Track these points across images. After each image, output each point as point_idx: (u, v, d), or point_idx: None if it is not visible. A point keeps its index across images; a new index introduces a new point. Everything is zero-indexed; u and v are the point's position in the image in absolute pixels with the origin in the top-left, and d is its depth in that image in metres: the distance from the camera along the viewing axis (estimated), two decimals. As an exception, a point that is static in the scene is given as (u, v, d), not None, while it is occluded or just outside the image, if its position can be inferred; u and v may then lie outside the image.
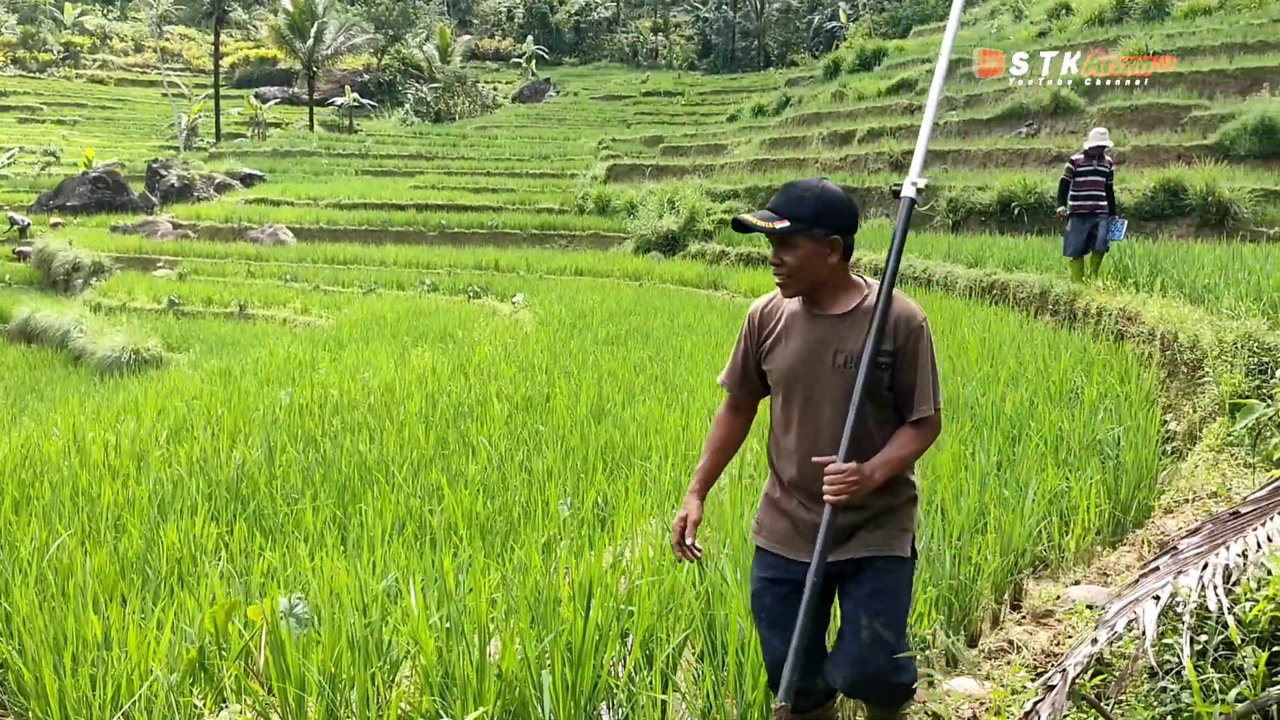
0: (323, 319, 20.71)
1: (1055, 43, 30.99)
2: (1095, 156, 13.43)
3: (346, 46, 60.30)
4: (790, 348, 3.04)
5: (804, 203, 2.89)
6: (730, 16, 72.49)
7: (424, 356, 12.66)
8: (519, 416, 9.07)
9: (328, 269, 28.95)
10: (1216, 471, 6.48)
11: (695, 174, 35.22)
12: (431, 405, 9.34)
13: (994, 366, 9.61)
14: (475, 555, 5.32)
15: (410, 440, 7.92)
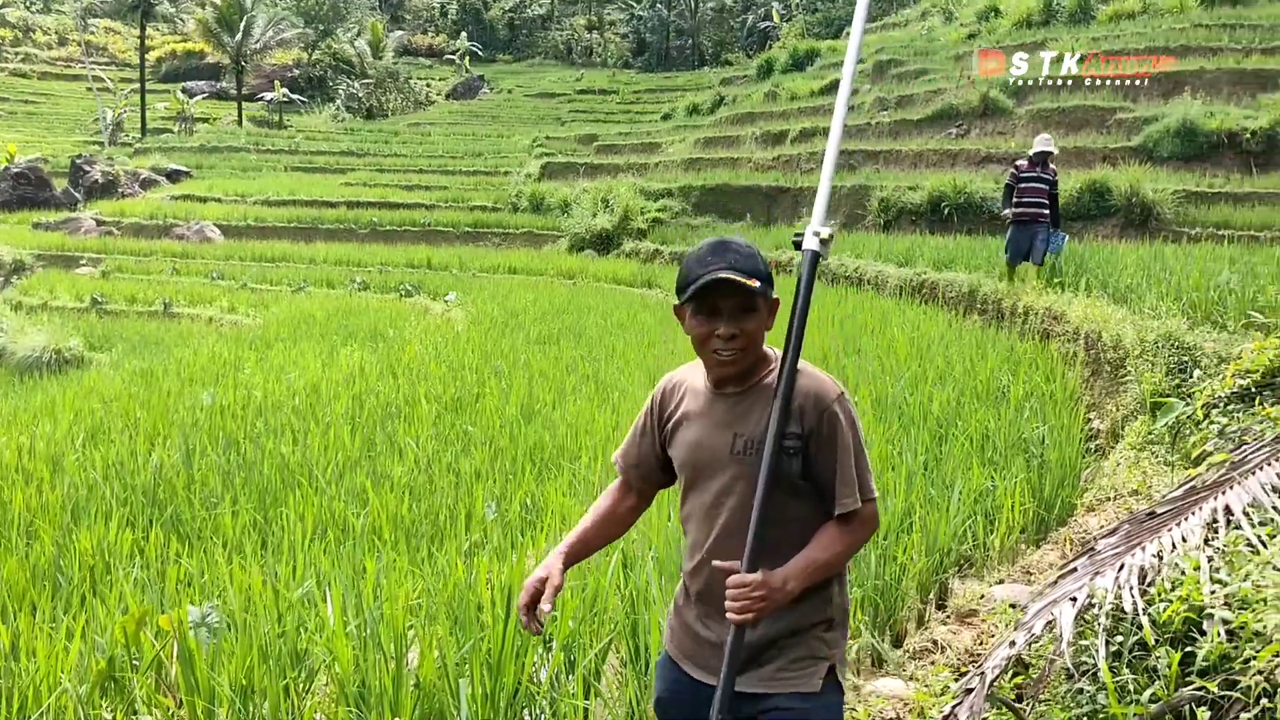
0: (250, 318, 20.38)
1: (984, 44, 31.38)
2: (1039, 163, 13.16)
3: (276, 41, 59.43)
4: (690, 432, 2.59)
5: (755, 259, 2.46)
6: (665, 15, 72.56)
7: (353, 356, 12.49)
8: (448, 417, 8.97)
9: (256, 267, 28.50)
10: (1137, 469, 6.57)
11: (629, 172, 35.19)
12: (358, 406, 9.20)
13: (922, 366, 9.67)
14: (399, 560, 5.24)
15: (335, 442, 7.78)
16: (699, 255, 2.47)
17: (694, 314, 2.46)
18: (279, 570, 4.89)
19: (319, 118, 58.76)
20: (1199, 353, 7.52)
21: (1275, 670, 2.48)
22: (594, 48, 76.45)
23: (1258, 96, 22.33)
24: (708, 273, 2.40)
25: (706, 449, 2.56)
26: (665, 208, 29.88)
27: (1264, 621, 2.57)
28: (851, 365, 9.85)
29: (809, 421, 2.48)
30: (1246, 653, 2.59)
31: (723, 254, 2.44)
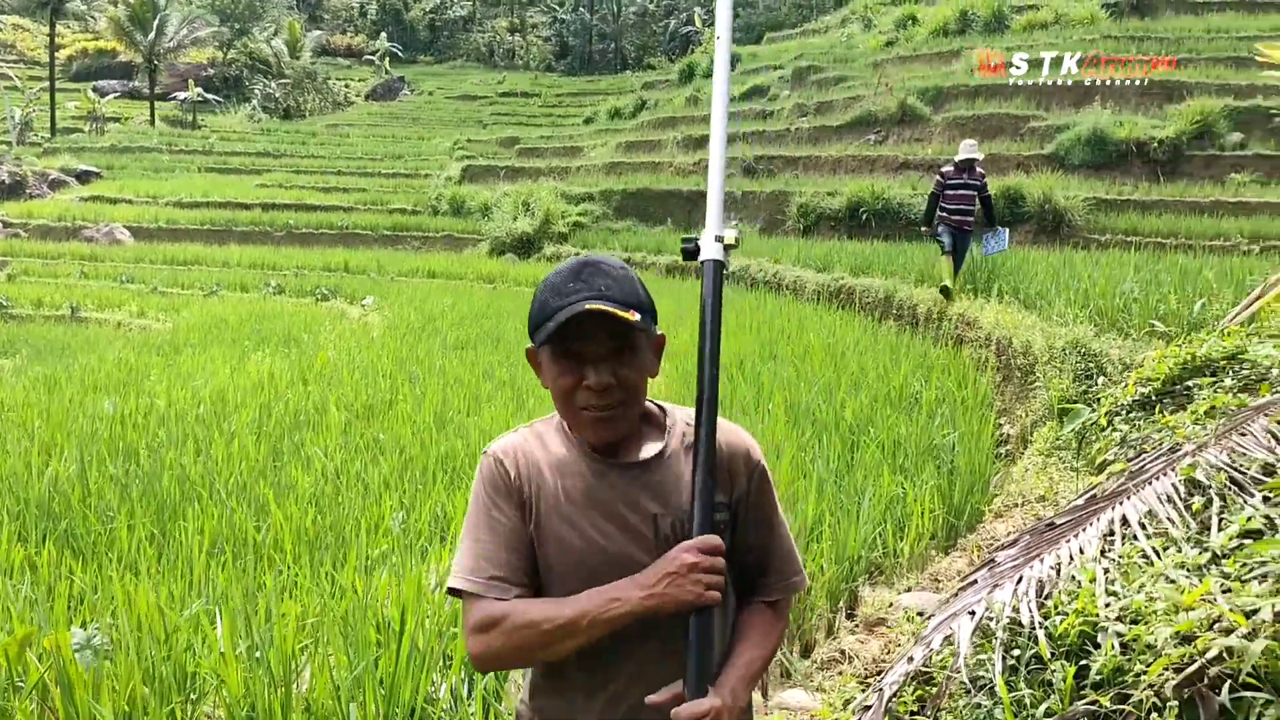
0: (160, 322, 19.92)
1: (902, 52, 31.81)
2: (966, 169, 12.94)
3: (190, 40, 58.25)
4: (578, 524, 1.93)
5: (633, 284, 1.92)
6: (587, 19, 72.55)
7: (264, 362, 12.24)
8: (358, 425, 8.82)
9: (167, 270, 27.89)
10: (1045, 475, 6.65)
11: (551, 176, 35.10)
12: (266, 414, 9.00)
13: (837, 372, 9.71)
14: (300, 575, 5.11)
15: (239, 452, 7.59)
16: (556, 283, 1.90)
17: (554, 359, 1.89)
18: (173, 588, 4.74)
19: (234, 118, 57.75)
20: (1104, 359, 7.65)
21: (1165, 684, 2.49)
22: (516, 50, 76.15)
23: (1164, 107, 22.86)
24: (569, 304, 1.83)
25: (615, 545, 1.92)
26: (586, 211, 29.85)
27: (1155, 635, 2.58)
28: (767, 372, 9.86)
29: (739, 483, 2.03)
30: (1138, 666, 2.59)
31: (589, 279, 1.88)
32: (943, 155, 24.57)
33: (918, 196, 22.67)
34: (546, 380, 1.95)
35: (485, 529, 1.95)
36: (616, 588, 1.83)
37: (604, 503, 1.95)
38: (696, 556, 1.79)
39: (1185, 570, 2.94)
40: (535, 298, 1.93)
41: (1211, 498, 3.26)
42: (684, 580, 1.79)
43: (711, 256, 1.99)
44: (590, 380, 1.87)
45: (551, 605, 1.87)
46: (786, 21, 54.53)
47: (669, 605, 1.80)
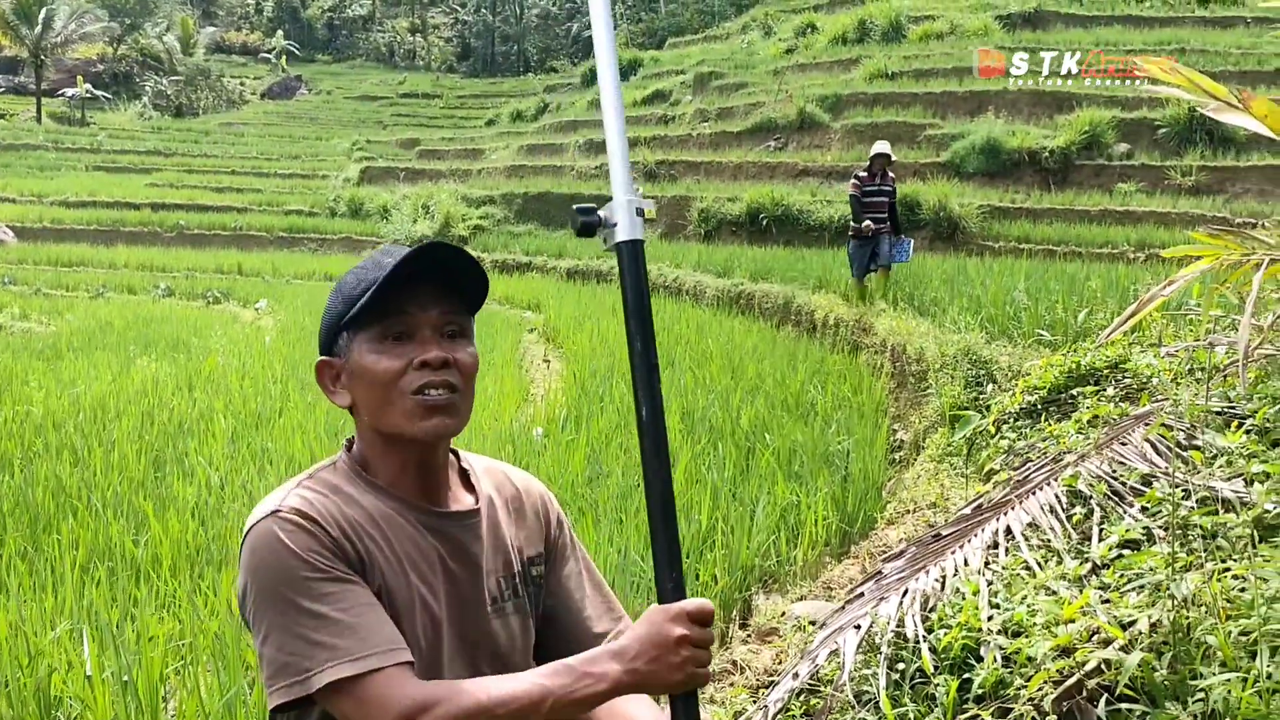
0: (43, 325, 19.23)
1: (802, 60, 32.17)
2: (879, 174, 12.59)
3: (78, 34, 56.61)
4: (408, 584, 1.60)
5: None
6: (490, 20, 72.14)
7: (149, 368, 11.89)
8: (246, 434, 8.59)
9: (51, 271, 26.94)
10: (936, 482, 6.71)
11: (452, 178, 34.79)
12: (149, 422, 8.72)
13: (734, 379, 9.73)
14: (180, 592, 4.94)
15: (119, 462, 7.34)
16: (369, 261, 1.65)
17: (374, 340, 1.60)
18: (43, 606, 4.54)
19: (124, 115, 56.21)
20: (994, 367, 7.76)
21: (1044, 698, 2.49)
22: (417, 51, 75.39)
23: (1055, 117, 23.42)
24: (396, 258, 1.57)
25: (445, 605, 1.64)
26: (487, 215, 29.63)
27: (1035, 648, 2.58)
28: (665, 378, 9.83)
29: (550, 530, 1.82)
30: (1019, 680, 2.60)
31: (424, 251, 1.59)
32: (841, 162, 24.90)
33: (817, 203, 22.93)
34: (355, 382, 1.62)
35: (335, 599, 1.49)
36: (586, 661, 1.50)
37: (431, 558, 1.63)
38: (686, 628, 1.47)
39: (1066, 581, 2.97)
40: (335, 293, 1.66)
41: (1093, 508, 3.30)
42: (671, 657, 1.46)
43: (628, 236, 1.57)
44: (429, 355, 1.57)
45: (496, 684, 1.50)
46: (689, 27, 54.80)
47: (652, 685, 1.50)
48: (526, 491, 1.82)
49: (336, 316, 1.63)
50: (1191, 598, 2.52)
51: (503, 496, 1.77)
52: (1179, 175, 20.45)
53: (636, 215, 1.58)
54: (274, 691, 1.49)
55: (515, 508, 1.78)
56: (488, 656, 1.66)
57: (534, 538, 1.78)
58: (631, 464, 6.89)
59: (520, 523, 1.77)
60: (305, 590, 1.48)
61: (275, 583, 1.49)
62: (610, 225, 1.58)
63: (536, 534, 1.79)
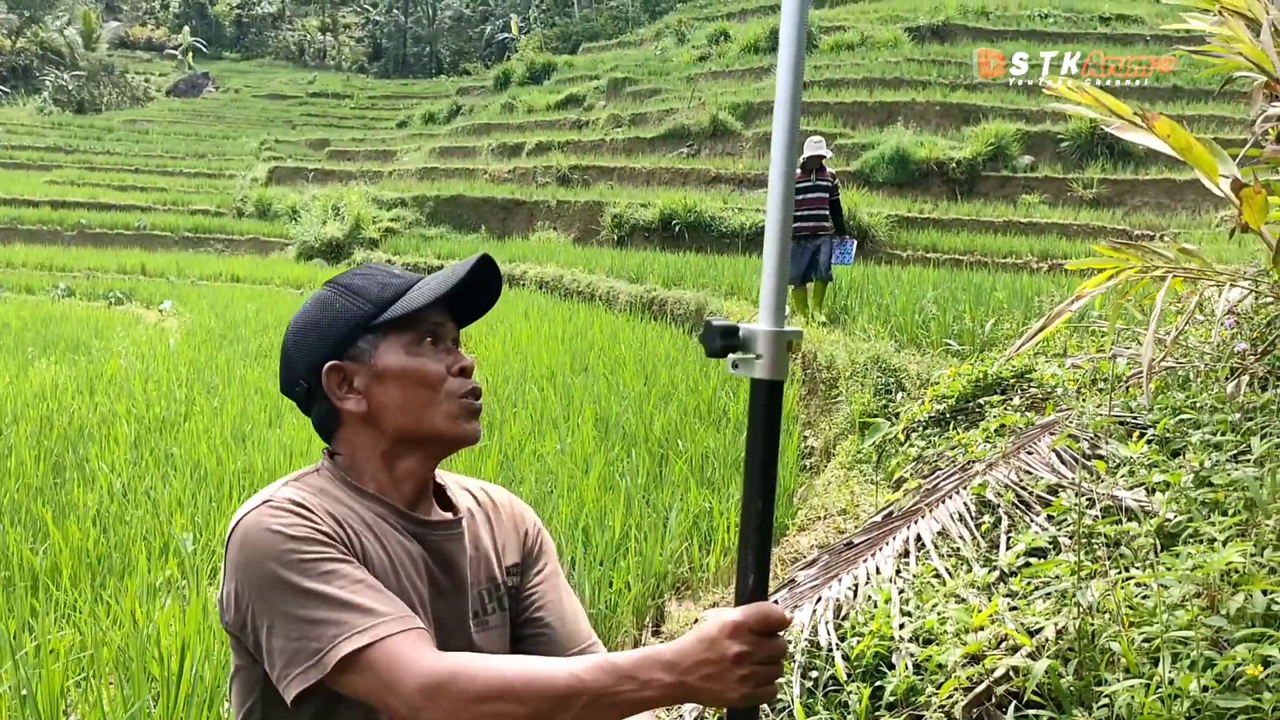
0: (-65, 326, 18.66)
1: (715, 68, 32.41)
2: (813, 170, 11.61)
3: (-26, 26, 55.05)
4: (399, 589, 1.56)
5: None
6: (402, 21, 71.49)
7: (48, 370, 11.57)
8: (150, 438, 8.39)
9: (-57, 269, 26.19)
10: (847, 489, 6.79)
11: (363, 180, 34.38)
12: (47, 427, 8.48)
13: (648, 385, 9.75)
14: (80, 601, 4.81)
15: (16, 468, 7.13)
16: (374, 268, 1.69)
17: (413, 343, 1.61)
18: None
19: (23, 110, 54.59)
20: (903, 375, 7.89)
21: (955, 705, 2.54)
22: (328, 50, 74.41)
23: (962, 129, 23.90)
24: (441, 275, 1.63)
25: (431, 613, 1.61)
26: (399, 217, 29.32)
27: (946, 655, 2.63)
28: (578, 384, 9.84)
29: (527, 540, 1.79)
30: (930, 687, 2.64)
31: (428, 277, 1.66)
32: (753, 170, 25.12)
33: (729, 210, 23.09)
34: (382, 385, 1.60)
35: (336, 577, 1.45)
36: (633, 664, 1.35)
37: (418, 566, 1.61)
38: (746, 644, 1.31)
39: (975, 589, 3.02)
40: (349, 296, 1.63)
41: (1000, 516, 3.37)
42: (729, 675, 1.31)
43: (770, 376, 1.34)
44: (466, 363, 1.62)
45: (526, 664, 1.40)
46: (603, 33, 54.85)
47: (705, 701, 1.40)
48: (502, 504, 1.80)
49: (363, 319, 1.61)
50: (1096, 605, 2.59)
51: (482, 509, 1.76)
52: (1080, 188, 21.01)
53: (785, 350, 1.35)
54: (290, 681, 1.42)
55: (494, 519, 1.77)
56: None
57: (512, 548, 1.76)
58: (544, 470, 6.88)
59: (499, 534, 1.75)
60: (304, 571, 1.44)
61: (272, 569, 1.44)
62: (751, 355, 1.35)
63: (515, 545, 1.77)
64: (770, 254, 1.36)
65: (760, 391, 1.34)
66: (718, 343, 1.34)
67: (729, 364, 1.35)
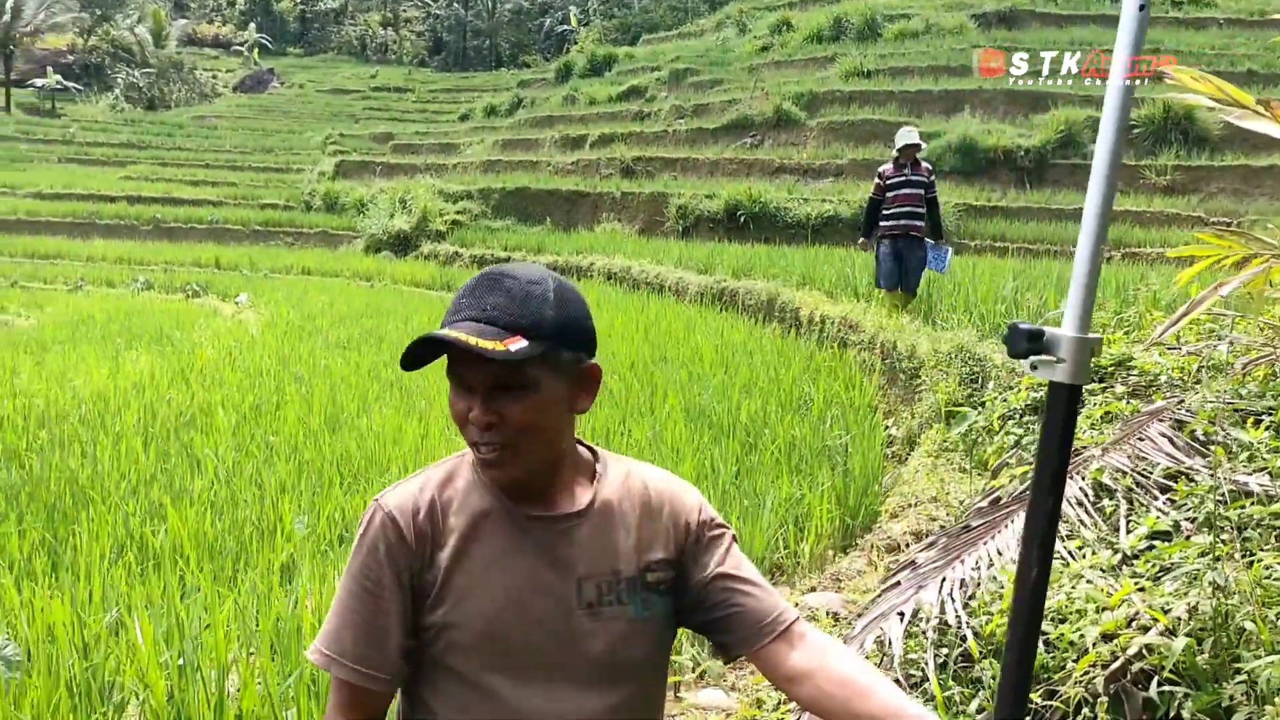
0: (23, 318, 19.17)
1: (777, 57, 32.33)
2: (907, 164, 11.10)
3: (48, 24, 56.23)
4: (494, 583, 1.66)
5: (533, 303, 1.61)
6: (462, 14, 71.95)
7: (140, 361, 11.90)
8: (247, 427, 8.65)
9: (28, 264, 26.84)
10: (935, 477, 6.86)
11: (427, 173, 34.70)
12: (151, 415, 8.77)
13: (728, 374, 9.85)
14: (204, 581, 5.01)
15: (128, 454, 7.40)
16: (458, 295, 1.67)
17: (448, 377, 1.65)
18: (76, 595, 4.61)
19: (96, 107, 55.71)
20: (989, 364, 7.91)
21: (1094, 680, 2.63)
22: (389, 45, 75.06)
23: (1030, 116, 23.67)
24: (446, 323, 1.62)
25: (532, 606, 1.66)
26: (465, 210, 29.58)
27: (1082, 633, 2.72)
28: (660, 374, 9.97)
29: (679, 538, 1.76)
30: (1066, 663, 2.73)
31: (480, 295, 1.62)
32: (818, 160, 25.05)
33: (794, 200, 23.06)
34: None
35: (349, 606, 1.67)
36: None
37: (521, 560, 1.67)
38: None
39: (1099, 571, 3.10)
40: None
41: (1119, 501, 3.44)
42: None
43: (1071, 380, 1.39)
44: (472, 414, 1.61)
45: None
46: (662, 23, 54.89)
47: None
48: (660, 494, 1.79)
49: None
50: (1229, 586, 2.66)
51: (631, 500, 1.76)
52: (1154, 174, 20.73)
53: (1089, 355, 1.40)
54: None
55: (641, 514, 1.75)
56: (585, 657, 1.67)
57: (660, 544, 1.74)
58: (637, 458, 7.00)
59: (645, 529, 1.74)
60: (350, 581, 1.68)
61: (350, 557, 1.71)
62: (1053, 359, 1.40)
63: (665, 540, 1.75)
64: (1081, 260, 1.44)
65: (1059, 395, 1.40)
66: (1023, 345, 1.40)
67: (1028, 365, 1.42)
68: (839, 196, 22.70)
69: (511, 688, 1.64)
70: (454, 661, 1.65)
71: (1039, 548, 1.44)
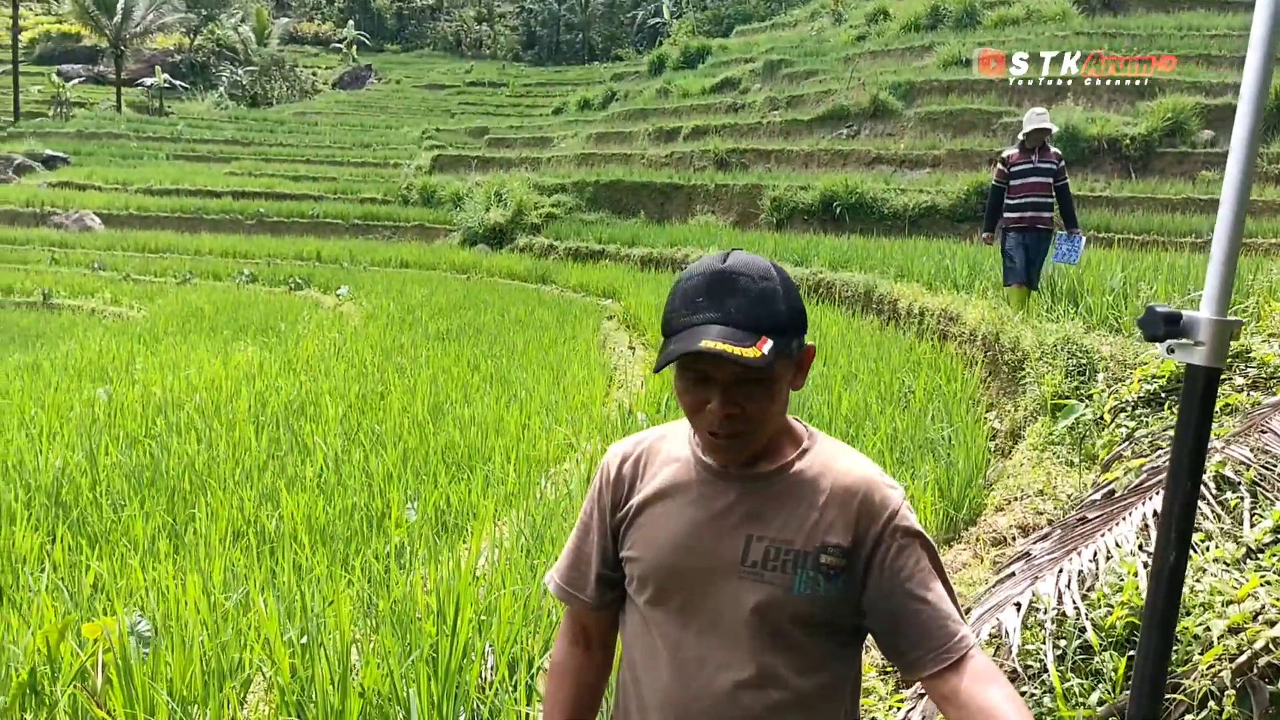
0: (135, 310, 19.79)
1: (873, 47, 32.03)
2: (1035, 149, 10.29)
3: (157, 25, 57.86)
4: (671, 522, 1.78)
5: (770, 301, 1.65)
6: (555, 8, 72.46)
7: (248, 352, 12.22)
8: (353, 416, 8.83)
9: (139, 258, 27.71)
10: (1041, 470, 6.76)
11: (522, 166, 35.07)
12: (261, 404, 9.01)
13: (827, 367, 9.81)
14: (319, 563, 5.15)
15: (241, 441, 7.61)
16: (687, 289, 1.69)
17: (679, 372, 1.70)
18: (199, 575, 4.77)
19: (202, 105, 57.28)
20: (1096, 356, 7.78)
21: (1220, 673, 2.59)
22: (484, 39, 75.87)
23: (1136, 104, 23.14)
24: (688, 326, 1.64)
25: (699, 552, 1.74)
26: (559, 203, 29.83)
27: (1208, 626, 2.68)
28: (758, 365, 9.92)
29: (862, 527, 1.72)
30: (1192, 657, 2.70)
31: (718, 297, 1.65)
32: (915, 150, 24.77)
33: (891, 191, 22.85)
34: (676, 390, 1.74)
35: (573, 537, 1.96)
36: None
37: (699, 508, 1.76)
38: None
39: (1223, 564, 3.05)
40: (669, 298, 1.72)
41: (1243, 494, 3.38)
42: None
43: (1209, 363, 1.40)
44: (712, 406, 1.66)
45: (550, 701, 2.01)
46: (755, 14, 54.65)
47: None
48: (859, 483, 1.75)
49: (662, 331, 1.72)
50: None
51: (827, 479, 1.75)
52: (1266, 163, 20.13)
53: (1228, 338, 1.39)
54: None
55: (837, 494, 1.74)
56: (738, 614, 1.71)
57: (839, 529, 1.71)
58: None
59: (834, 509, 1.73)
60: (581, 514, 1.97)
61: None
62: (1190, 341, 1.40)
63: (844, 527, 1.72)
64: (1220, 242, 1.41)
65: (1197, 378, 1.40)
66: (1160, 328, 1.40)
67: (1163, 348, 1.41)
68: (936, 187, 22.43)
69: (673, 627, 1.76)
70: (634, 595, 1.84)
71: (1176, 533, 1.44)
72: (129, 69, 58.86)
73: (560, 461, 7.52)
